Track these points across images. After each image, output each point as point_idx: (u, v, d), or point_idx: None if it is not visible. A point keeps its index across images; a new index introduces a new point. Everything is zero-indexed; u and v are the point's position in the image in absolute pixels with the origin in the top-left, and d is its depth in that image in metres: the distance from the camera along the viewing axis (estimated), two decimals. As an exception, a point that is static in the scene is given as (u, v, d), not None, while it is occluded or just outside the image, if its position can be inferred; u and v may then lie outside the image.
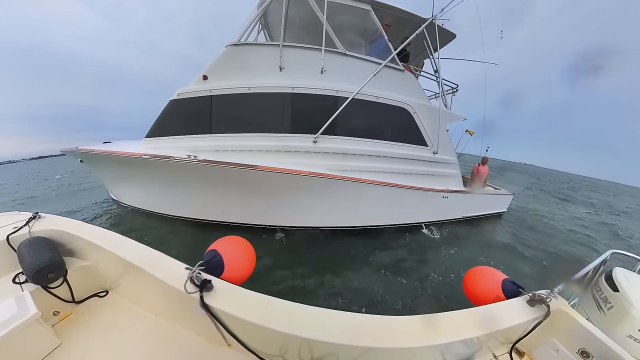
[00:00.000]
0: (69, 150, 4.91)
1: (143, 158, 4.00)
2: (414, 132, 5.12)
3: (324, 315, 1.15)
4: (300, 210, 4.63)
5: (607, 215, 10.61)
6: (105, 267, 1.55)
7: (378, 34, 4.76)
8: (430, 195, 5.32)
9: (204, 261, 1.38)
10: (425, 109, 5.13)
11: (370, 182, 4.48)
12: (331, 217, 4.87)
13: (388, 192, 4.78)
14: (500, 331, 1.24)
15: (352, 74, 4.55)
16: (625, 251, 1.76)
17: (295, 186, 4.11)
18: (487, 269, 1.73)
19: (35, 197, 9.32)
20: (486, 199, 6.76)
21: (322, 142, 4.49)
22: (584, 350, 1.20)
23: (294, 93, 4.38)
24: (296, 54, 4.43)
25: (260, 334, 1.13)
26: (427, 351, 1.10)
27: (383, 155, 4.86)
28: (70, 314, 1.42)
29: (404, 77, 4.95)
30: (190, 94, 4.46)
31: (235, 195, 4.36)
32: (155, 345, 1.30)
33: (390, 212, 5.21)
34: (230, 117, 4.50)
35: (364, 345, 1.04)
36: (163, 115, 4.66)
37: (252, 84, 4.34)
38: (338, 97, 4.47)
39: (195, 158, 3.72)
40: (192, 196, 4.64)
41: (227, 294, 1.21)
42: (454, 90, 6.30)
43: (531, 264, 4.66)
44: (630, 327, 1.35)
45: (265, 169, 3.76)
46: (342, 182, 4.24)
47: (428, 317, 1.20)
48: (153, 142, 4.68)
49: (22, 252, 1.37)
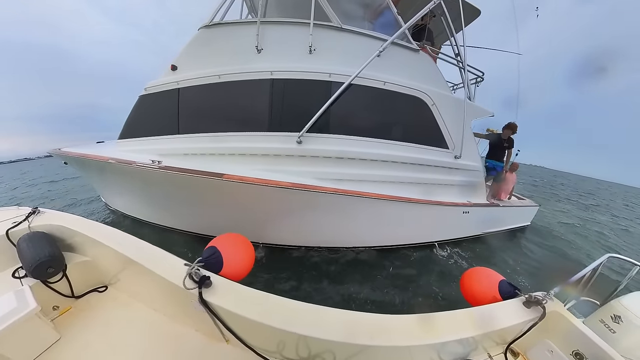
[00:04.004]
0: (53, 152, 4.55)
1: (110, 162, 3.55)
2: (431, 130, 4.00)
3: (322, 313, 1.16)
4: (283, 226, 3.78)
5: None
6: (104, 263, 1.56)
7: (384, 5, 3.77)
8: (449, 210, 4.22)
9: (203, 257, 1.39)
10: (447, 100, 4.00)
11: (374, 196, 3.44)
12: (321, 236, 3.99)
13: (396, 208, 3.76)
14: (495, 331, 1.25)
15: (350, 53, 3.57)
16: (622, 255, 1.77)
17: (276, 198, 3.31)
18: (485, 270, 1.75)
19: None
20: (511, 212, 5.52)
21: (309, 142, 3.51)
22: (577, 352, 1.21)
23: (273, 79, 3.49)
24: (278, 31, 3.55)
25: (258, 331, 1.14)
26: (423, 350, 1.11)
27: (391, 161, 3.80)
28: (69, 309, 1.43)
29: (419, 58, 3.89)
30: (158, 88, 3.87)
31: (209, 206, 3.66)
32: (153, 340, 1.31)
33: (397, 231, 4.18)
34: (199, 113, 3.81)
35: (361, 343, 1.05)
36: (132, 113, 4.19)
37: (223, 71, 3.55)
38: (331, 82, 3.49)
39: (159, 164, 3.22)
40: (163, 204, 4.11)
41: (225, 290, 1.22)
42: (478, 79, 5.06)
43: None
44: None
45: (233, 178, 3.00)
46: (334, 197, 3.29)
47: (425, 316, 1.21)
48: (125, 144, 4.18)
49: (22, 246, 1.38)
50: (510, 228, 5.69)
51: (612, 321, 1.36)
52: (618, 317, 1.35)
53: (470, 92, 4.52)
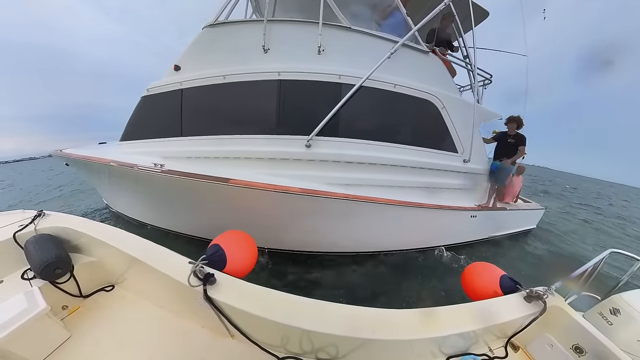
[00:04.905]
0: (54, 153, 4.55)
1: (112, 165, 3.48)
2: (441, 134, 3.96)
3: (324, 308, 1.18)
4: (289, 232, 3.71)
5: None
6: (110, 263, 1.59)
7: (394, 6, 3.72)
8: (457, 214, 4.19)
9: (207, 255, 1.41)
10: (457, 103, 3.97)
11: (385, 202, 3.38)
12: (329, 242, 3.92)
13: (405, 213, 3.68)
14: (496, 325, 1.26)
15: (359, 55, 3.49)
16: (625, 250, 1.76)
17: (284, 204, 3.25)
18: (486, 265, 1.76)
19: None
20: (517, 215, 5.51)
21: (318, 146, 3.43)
22: (578, 346, 1.22)
23: (281, 80, 3.40)
24: (285, 30, 3.46)
25: (262, 326, 1.17)
26: (425, 343, 1.13)
27: (400, 165, 3.73)
28: (78, 308, 1.46)
29: (429, 61, 3.82)
30: (160, 89, 3.79)
31: (213, 210, 3.58)
32: (160, 336, 1.34)
33: (404, 236, 4.13)
34: (203, 115, 3.73)
35: (363, 336, 1.07)
36: (134, 114, 4.13)
37: (228, 71, 3.45)
38: (341, 84, 3.42)
39: (161, 167, 3.16)
40: (165, 208, 4.06)
41: (229, 286, 1.24)
42: (486, 81, 4.97)
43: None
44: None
45: (239, 183, 2.93)
46: (345, 203, 3.22)
47: (426, 310, 1.23)
48: (127, 146, 4.11)
49: (29, 249, 1.41)
50: (516, 231, 5.65)
51: (610, 314, 1.37)
52: (617, 310, 1.35)
53: (478, 94, 4.44)
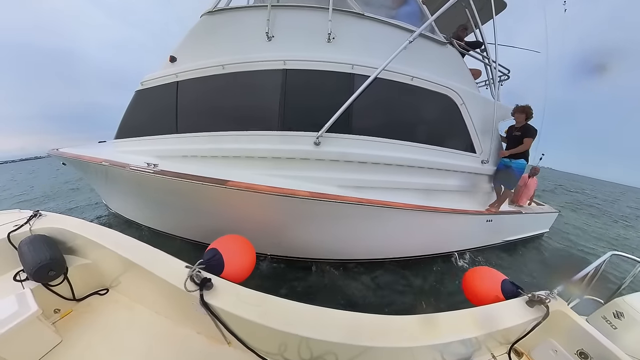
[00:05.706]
0: (51, 153, 4.40)
1: (104, 165, 3.27)
2: (459, 132, 3.63)
3: (323, 314, 1.15)
4: (294, 238, 3.38)
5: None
6: (105, 265, 1.56)
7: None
8: (473, 219, 3.89)
9: (204, 260, 1.39)
10: (476, 100, 3.64)
11: (402, 206, 3.05)
12: (337, 249, 3.60)
13: (421, 217, 3.38)
14: (499, 331, 1.24)
15: (373, 44, 3.17)
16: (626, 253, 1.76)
17: (290, 209, 2.93)
18: (487, 270, 1.74)
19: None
20: (531, 218, 5.19)
21: (329, 144, 3.08)
22: (582, 351, 1.20)
23: (287, 69, 3.07)
24: (291, 17, 3.15)
25: (259, 332, 1.14)
26: (426, 351, 1.10)
27: (417, 166, 3.42)
28: (70, 312, 1.43)
29: (448, 53, 3.50)
30: (155, 82, 3.51)
31: (210, 214, 3.29)
32: (155, 343, 1.31)
33: (420, 242, 3.83)
34: (200, 110, 3.42)
35: (363, 344, 1.04)
36: (128, 110, 3.85)
37: (227, 60, 3.14)
38: (354, 74, 3.08)
39: (154, 167, 2.95)
40: (159, 209, 3.84)
41: (226, 292, 1.21)
42: (503, 77, 4.59)
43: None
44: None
45: (238, 185, 2.62)
46: (359, 208, 2.87)
47: (427, 317, 1.20)
48: (122, 145, 3.89)
49: (23, 250, 1.38)
50: (530, 235, 5.37)
51: (614, 317, 1.35)
52: (620, 313, 1.34)
53: (495, 90, 4.06)
